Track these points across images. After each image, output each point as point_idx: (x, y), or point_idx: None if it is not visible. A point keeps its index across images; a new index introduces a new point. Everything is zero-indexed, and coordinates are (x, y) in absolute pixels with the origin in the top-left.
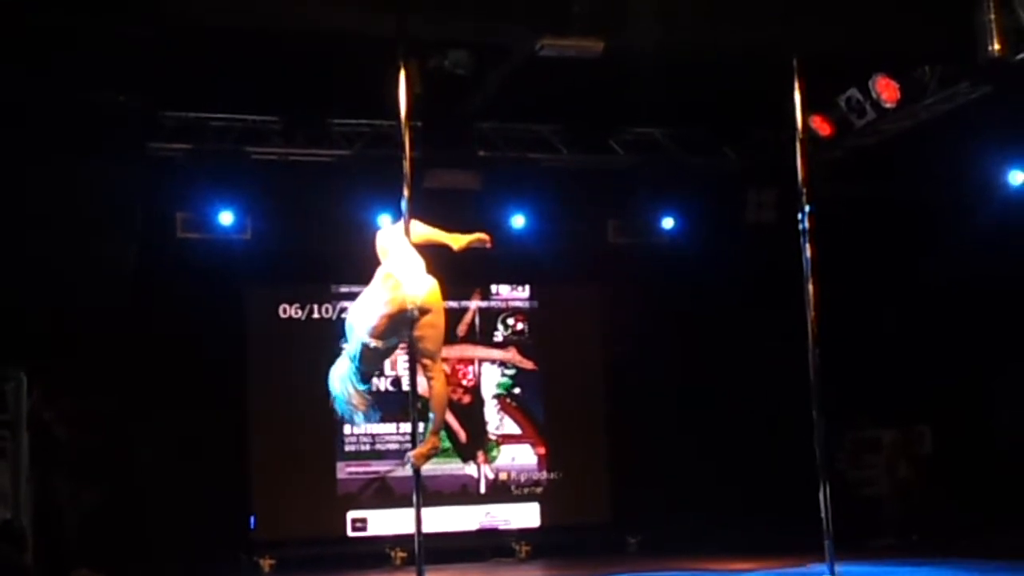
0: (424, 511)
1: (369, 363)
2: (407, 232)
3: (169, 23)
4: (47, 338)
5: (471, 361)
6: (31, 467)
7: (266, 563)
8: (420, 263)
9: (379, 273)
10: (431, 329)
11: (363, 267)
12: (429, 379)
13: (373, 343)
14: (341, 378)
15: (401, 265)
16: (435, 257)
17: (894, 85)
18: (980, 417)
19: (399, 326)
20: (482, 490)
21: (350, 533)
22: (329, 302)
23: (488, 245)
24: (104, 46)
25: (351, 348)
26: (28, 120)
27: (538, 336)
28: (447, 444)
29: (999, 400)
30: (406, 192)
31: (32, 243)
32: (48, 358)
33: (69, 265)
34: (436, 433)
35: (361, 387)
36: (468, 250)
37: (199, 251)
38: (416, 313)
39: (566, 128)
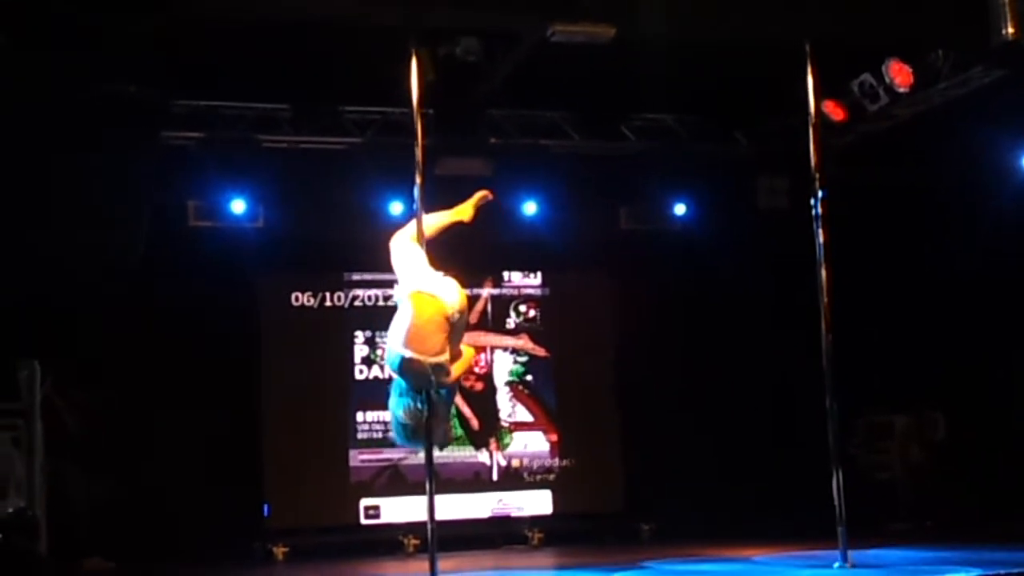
0: (437, 498)
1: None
2: (419, 228)
3: (180, 14)
4: (58, 327)
5: (483, 348)
6: (45, 456)
7: (279, 551)
8: (429, 267)
9: (403, 296)
10: (462, 325)
11: (375, 254)
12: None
13: (439, 360)
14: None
15: (422, 278)
16: (447, 245)
17: (907, 69)
18: (993, 402)
19: (455, 336)
20: (494, 477)
21: (363, 521)
22: (341, 290)
23: (490, 197)
24: (115, 36)
25: (423, 383)
26: (39, 111)
27: (550, 323)
28: (459, 432)
29: (1017, 385)
30: (418, 179)
31: (44, 233)
32: (60, 347)
33: (80, 255)
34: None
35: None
36: (478, 215)
37: (211, 240)
38: (457, 316)
39: (577, 114)
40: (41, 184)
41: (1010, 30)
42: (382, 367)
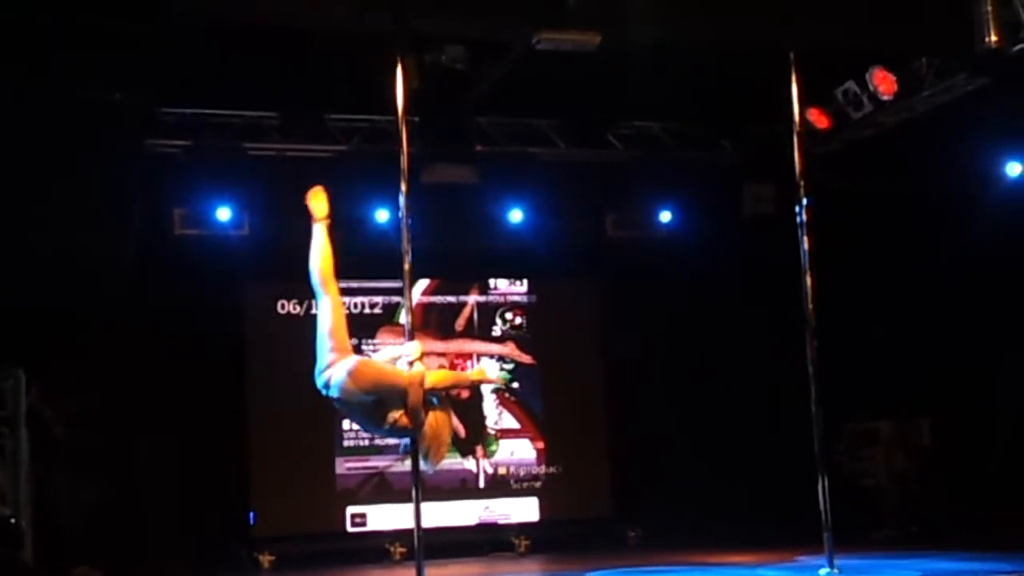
0: (423, 506)
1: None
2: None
3: (166, 20)
4: (45, 335)
5: (469, 356)
6: (30, 465)
7: (266, 559)
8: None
9: None
10: (371, 384)
11: (361, 263)
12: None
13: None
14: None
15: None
16: (434, 253)
17: (891, 77)
18: (979, 409)
19: (388, 397)
20: (481, 484)
21: (349, 528)
22: None
23: None
24: (101, 43)
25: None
26: (25, 118)
27: (536, 330)
28: None
29: (1003, 391)
30: (403, 187)
31: (30, 241)
32: (46, 355)
33: (67, 262)
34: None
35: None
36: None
37: (197, 247)
38: (361, 396)
39: (563, 122)
40: (25, 192)
41: (993, 38)
42: None
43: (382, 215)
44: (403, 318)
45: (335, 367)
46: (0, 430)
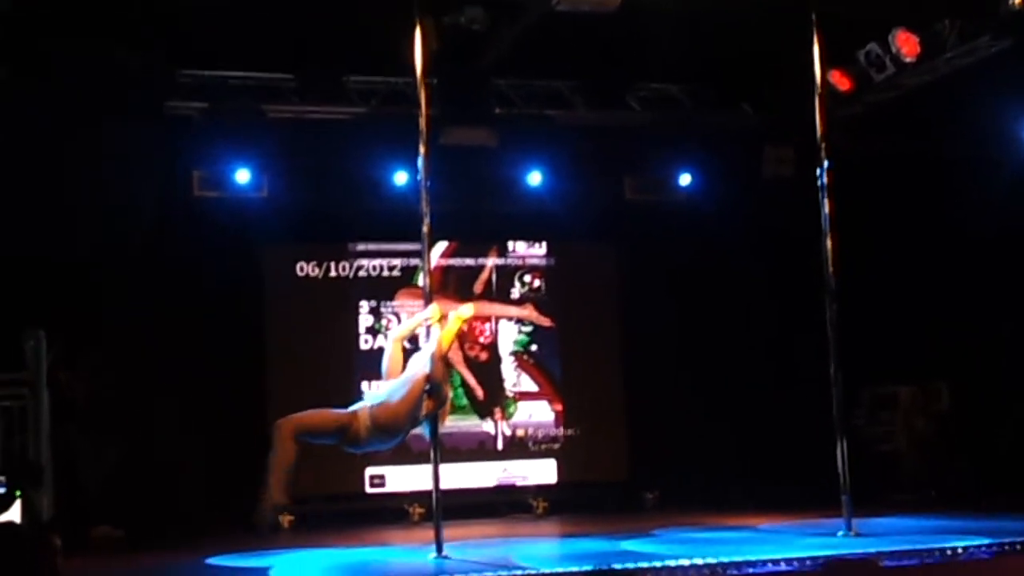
0: (442, 467)
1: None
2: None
3: None
4: (65, 298)
5: (488, 318)
6: (52, 426)
7: (285, 519)
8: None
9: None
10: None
11: (380, 224)
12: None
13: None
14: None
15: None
16: (452, 215)
17: (914, 39)
18: (997, 373)
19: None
20: (499, 447)
21: (368, 489)
22: (346, 260)
23: None
24: (121, 5)
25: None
26: (46, 81)
27: (555, 293)
28: (464, 401)
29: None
30: (422, 149)
31: (51, 203)
32: (66, 317)
33: (86, 224)
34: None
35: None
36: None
37: (216, 210)
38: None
39: (583, 84)
40: (48, 153)
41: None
42: (386, 336)
43: (401, 177)
44: (421, 280)
45: (363, 433)
46: (21, 391)
